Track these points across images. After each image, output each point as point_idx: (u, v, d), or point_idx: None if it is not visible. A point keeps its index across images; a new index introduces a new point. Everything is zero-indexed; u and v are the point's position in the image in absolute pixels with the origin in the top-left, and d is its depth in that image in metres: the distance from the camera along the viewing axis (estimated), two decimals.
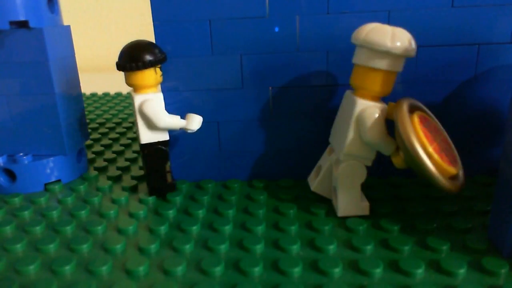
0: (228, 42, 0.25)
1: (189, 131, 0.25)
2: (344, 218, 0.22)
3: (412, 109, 0.21)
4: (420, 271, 0.18)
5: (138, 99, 0.24)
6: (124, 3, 0.82)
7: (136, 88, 0.24)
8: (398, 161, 0.21)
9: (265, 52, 0.25)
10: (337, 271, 0.18)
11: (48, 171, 0.27)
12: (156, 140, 0.25)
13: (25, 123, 0.27)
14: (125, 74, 0.24)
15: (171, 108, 0.26)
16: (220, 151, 0.27)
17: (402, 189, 0.25)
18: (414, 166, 0.20)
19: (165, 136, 0.25)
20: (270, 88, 0.26)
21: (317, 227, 0.21)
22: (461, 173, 0.21)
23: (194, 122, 0.24)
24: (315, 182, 0.24)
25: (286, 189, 0.26)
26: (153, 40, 0.25)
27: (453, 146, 0.22)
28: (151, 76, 0.23)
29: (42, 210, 0.24)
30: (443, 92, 0.25)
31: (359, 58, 0.21)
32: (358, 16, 0.24)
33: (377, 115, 0.21)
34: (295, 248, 0.20)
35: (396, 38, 0.20)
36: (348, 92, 0.23)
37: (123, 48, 0.24)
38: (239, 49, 0.25)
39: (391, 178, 0.26)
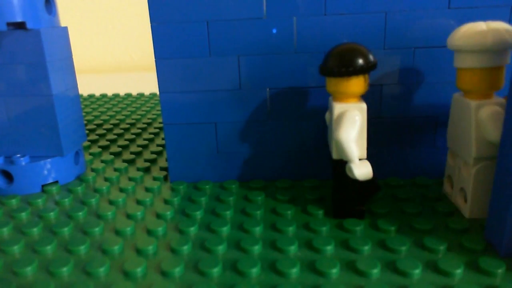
0: (225, 43, 0.25)
1: (350, 171, 0.21)
2: (342, 219, 0.22)
3: None
4: (417, 272, 0.18)
5: (338, 109, 0.21)
6: (122, 4, 0.82)
7: (339, 97, 0.21)
8: None
9: (262, 53, 0.25)
10: (334, 271, 0.18)
11: (46, 172, 0.27)
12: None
13: (23, 125, 0.27)
14: (328, 80, 0.21)
15: (170, 109, 0.26)
16: (218, 152, 0.27)
17: (399, 189, 0.25)
18: None
19: (363, 154, 0.21)
20: (268, 89, 0.26)
21: (315, 228, 0.21)
22: None
23: (361, 170, 0.21)
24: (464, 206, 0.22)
25: (284, 190, 0.26)
26: (151, 41, 0.25)
27: None
28: (360, 83, 0.21)
29: (40, 211, 0.24)
30: (440, 93, 0.25)
31: (462, 62, 0.21)
32: (355, 17, 0.24)
33: (497, 113, 0.20)
34: (292, 249, 0.20)
35: (494, 35, 0.19)
36: (457, 96, 0.22)
37: (333, 51, 0.21)
38: (236, 50, 0.25)
39: (388, 178, 0.27)
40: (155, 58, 0.25)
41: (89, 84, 0.65)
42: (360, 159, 0.21)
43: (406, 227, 0.21)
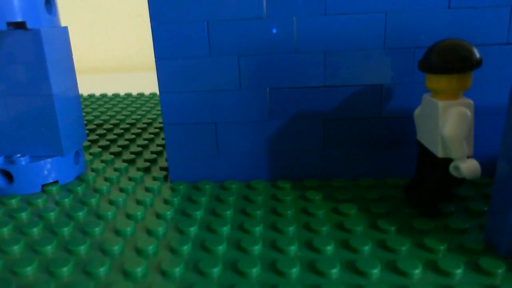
0: (225, 43, 0.25)
1: (457, 169, 0.21)
2: (341, 218, 0.22)
3: None
4: (417, 271, 0.18)
5: (445, 106, 0.20)
6: (122, 4, 0.82)
7: (442, 93, 0.21)
8: None
9: (262, 53, 0.25)
10: (334, 271, 0.18)
11: (46, 172, 0.27)
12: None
13: (23, 124, 0.27)
14: (431, 77, 0.21)
15: (170, 109, 0.26)
16: (218, 152, 0.27)
17: (399, 189, 0.25)
18: None
19: (470, 152, 0.21)
20: (268, 89, 0.26)
21: (315, 227, 0.21)
22: None
23: (471, 168, 0.20)
24: None
25: (284, 190, 0.26)
26: (151, 41, 0.25)
27: None
28: (467, 80, 0.20)
29: (40, 211, 0.24)
30: None
31: None
32: (355, 17, 0.24)
33: None
34: (293, 248, 0.20)
35: None
36: None
37: (438, 46, 0.20)
38: (236, 50, 0.25)
39: (388, 179, 0.27)
40: (155, 58, 0.26)
41: (89, 84, 0.65)
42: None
43: (406, 227, 0.21)
